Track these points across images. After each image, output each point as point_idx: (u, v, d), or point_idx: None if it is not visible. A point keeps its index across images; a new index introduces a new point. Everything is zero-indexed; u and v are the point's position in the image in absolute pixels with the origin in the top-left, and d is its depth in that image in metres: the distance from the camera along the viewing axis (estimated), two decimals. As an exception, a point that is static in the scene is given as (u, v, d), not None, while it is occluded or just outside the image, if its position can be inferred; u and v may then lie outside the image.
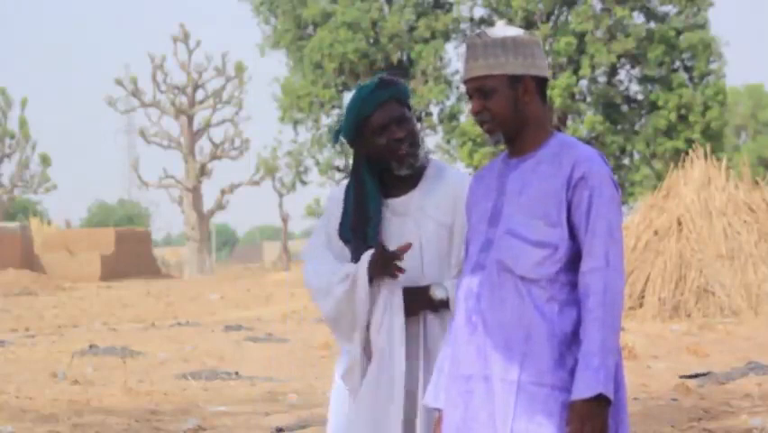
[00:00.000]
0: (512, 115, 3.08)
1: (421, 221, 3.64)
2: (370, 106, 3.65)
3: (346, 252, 3.69)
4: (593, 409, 2.91)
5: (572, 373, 2.96)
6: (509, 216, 3.07)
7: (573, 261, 3.02)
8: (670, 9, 36.63)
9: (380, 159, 3.66)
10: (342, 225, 3.71)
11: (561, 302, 3.01)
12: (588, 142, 36.18)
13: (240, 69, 45.76)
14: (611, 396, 2.92)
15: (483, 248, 3.09)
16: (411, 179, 3.69)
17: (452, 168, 3.81)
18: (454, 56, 77.21)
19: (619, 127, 36.62)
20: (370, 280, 3.57)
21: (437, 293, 3.56)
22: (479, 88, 3.09)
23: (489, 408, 3.02)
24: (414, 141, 3.65)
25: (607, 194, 3.01)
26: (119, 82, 44.79)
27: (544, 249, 3.01)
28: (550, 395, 2.96)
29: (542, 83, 3.12)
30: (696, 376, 9.61)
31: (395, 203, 3.70)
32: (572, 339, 2.98)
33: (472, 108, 3.11)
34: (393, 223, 3.67)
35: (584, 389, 2.91)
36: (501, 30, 3.10)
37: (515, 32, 3.10)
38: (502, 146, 3.16)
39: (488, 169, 3.23)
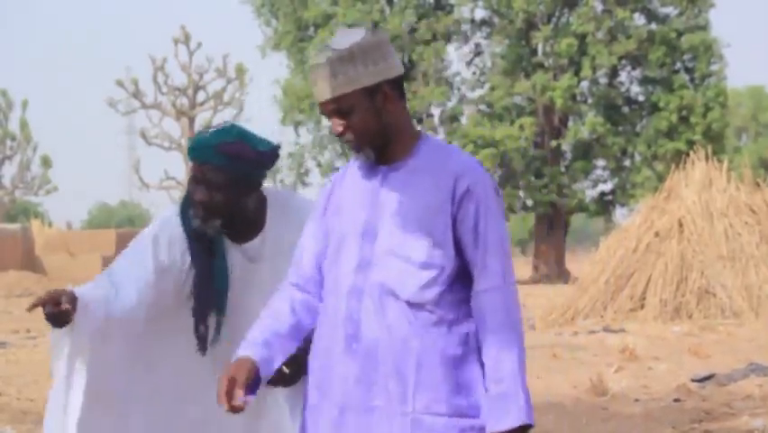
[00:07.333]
0: (377, 127, 2.83)
1: (279, 265, 3.27)
2: (191, 153, 3.37)
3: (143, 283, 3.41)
4: None
5: (468, 395, 2.80)
6: (390, 233, 2.83)
7: (458, 276, 2.83)
8: (671, 10, 36.60)
9: None
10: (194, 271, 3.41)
11: (449, 322, 2.81)
12: (589, 143, 36.20)
13: (241, 70, 45.68)
14: (533, 422, 2.77)
15: (360, 268, 2.84)
16: (258, 218, 3.41)
17: (294, 195, 3.52)
18: (455, 57, 77.44)
19: (620, 129, 36.56)
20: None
21: None
22: (336, 109, 2.81)
23: None
24: (212, 211, 3.33)
25: (494, 206, 2.84)
26: (120, 84, 44.74)
27: (431, 270, 2.80)
28: (448, 423, 2.78)
29: (397, 81, 2.86)
30: (704, 380, 9.57)
31: (246, 248, 3.41)
32: (462, 359, 2.81)
33: (334, 130, 2.85)
34: (247, 270, 3.40)
35: (506, 419, 2.75)
36: (344, 39, 2.81)
37: (359, 36, 2.81)
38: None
39: (350, 172, 2.98)
